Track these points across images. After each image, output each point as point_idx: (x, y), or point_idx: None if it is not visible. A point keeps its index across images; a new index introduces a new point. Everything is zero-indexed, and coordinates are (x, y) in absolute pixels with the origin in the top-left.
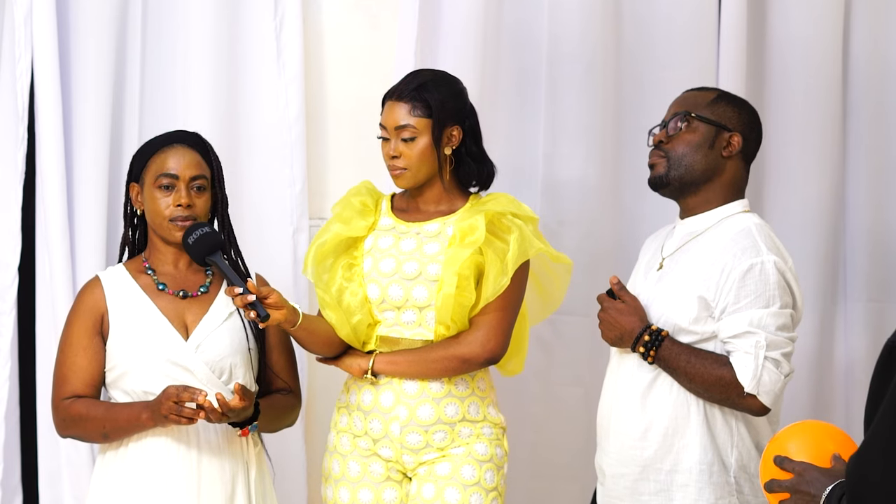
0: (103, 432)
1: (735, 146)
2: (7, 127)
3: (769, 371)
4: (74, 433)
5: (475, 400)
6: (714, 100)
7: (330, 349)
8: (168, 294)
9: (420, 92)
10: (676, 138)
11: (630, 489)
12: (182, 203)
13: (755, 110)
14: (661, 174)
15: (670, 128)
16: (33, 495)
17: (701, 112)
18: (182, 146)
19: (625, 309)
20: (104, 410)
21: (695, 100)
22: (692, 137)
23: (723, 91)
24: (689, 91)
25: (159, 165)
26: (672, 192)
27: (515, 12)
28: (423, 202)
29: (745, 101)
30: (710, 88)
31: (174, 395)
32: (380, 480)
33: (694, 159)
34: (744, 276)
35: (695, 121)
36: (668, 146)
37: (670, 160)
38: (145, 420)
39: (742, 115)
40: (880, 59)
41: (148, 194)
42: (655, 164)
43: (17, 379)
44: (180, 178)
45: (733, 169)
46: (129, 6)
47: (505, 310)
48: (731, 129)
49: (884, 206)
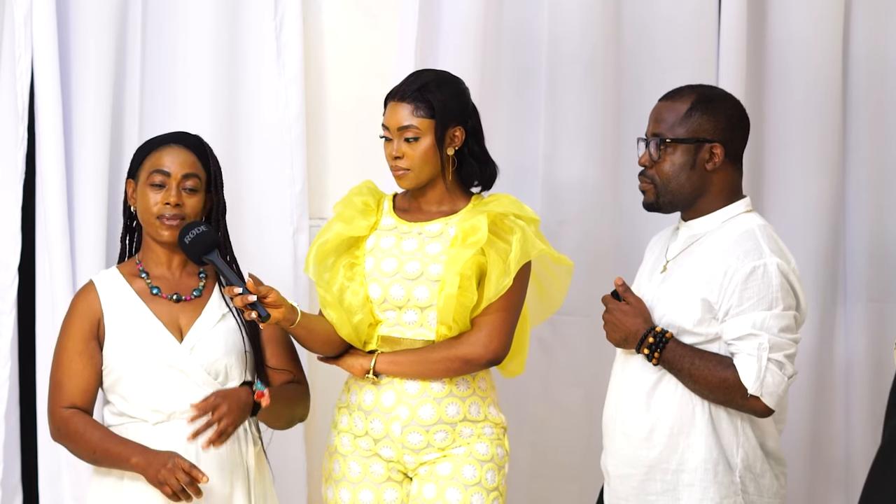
0: (93, 457)
1: (718, 157)
2: (7, 127)
3: (772, 373)
4: (65, 445)
5: (476, 400)
6: (688, 112)
7: (330, 348)
8: (162, 298)
9: (423, 92)
10: (659, 163)
11: (636, 489)
12: (171, 201)
13: (736, 102)
14: (651, 201)
15: (652, 152)
16: (33, 495)
17: (676, 133)
18: (178, 146)
19: (629, 310)
20: (99, 438)
21: (669, 115)
22: (673, 160)
23: (699, 94)
24: (663, 101)
25: (153, 163)
26: (668, 211)
27: (515, 12)
28: (426, 202)
29: (723, 96)
30: (685, 92)
31: (182, 467)
32: (381, 480)
33: (679, 183)
34: (747, 278)
35: (671, 144)
36: (652, 172)
37: (657, 186)
38: (134, 464)
39: (719, 122)
40: (880, 59)
41: (140, 191)
42: (645, 190)
43: (17, 379)
44: (172, 176)
45: (722, 177)
46: (129, 6)
47: (507, 310)
48: (711, 140)
49: (884, 206)
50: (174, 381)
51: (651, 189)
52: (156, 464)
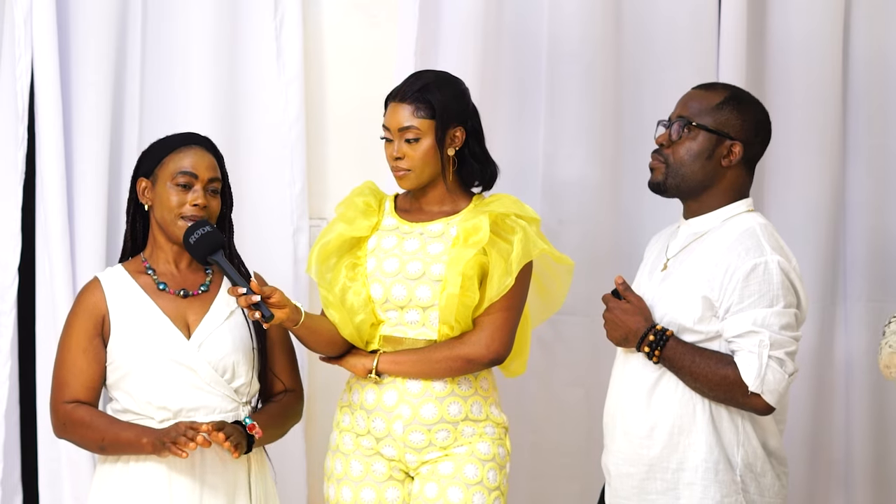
0: (101, 444)
1: (736, 155)
2: (7, 127)
3: (773, 370)
4: (71, 438)
5: (478, 399)
6: (719, 104)
7: (333, 348)
8: (169, 294)
9: (423, 93)
10: (677, 144)
11: (637, 488)
12: (199, 203)
13: (764, 110)
14: (658, 181)
15: (672, 132)
16: (33, 495)
17: (702, 120)
18: (200, 148)
19: (630, 309)
20: (106, 424)
21: (700, 103)
22: (692, 145)
23: (732, 92)
24: (698, 89)
25: (178, 163)
26: (671, 196)
27: (515, 12)
28: (427, 203)
29: (754, 101)
30: (720, 87)
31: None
32: (382, 480)
33: (692, 169)
34: (747, 276)
35: (695, 129)
36: (667, 151)
37: (669, 167)
38: (145, 444)
39: (746, 122)
40: (880, 59)
41: (161, 190)
42: (654, 168)
43: (17, 379)
44: (199, 178)
45: (733, 176)
46: (129, 6)
47: (509, 310)
48: (733, 138)
49: (884, 206)
50: (182, 378)
51: (661, 168)
52: (163, 436)
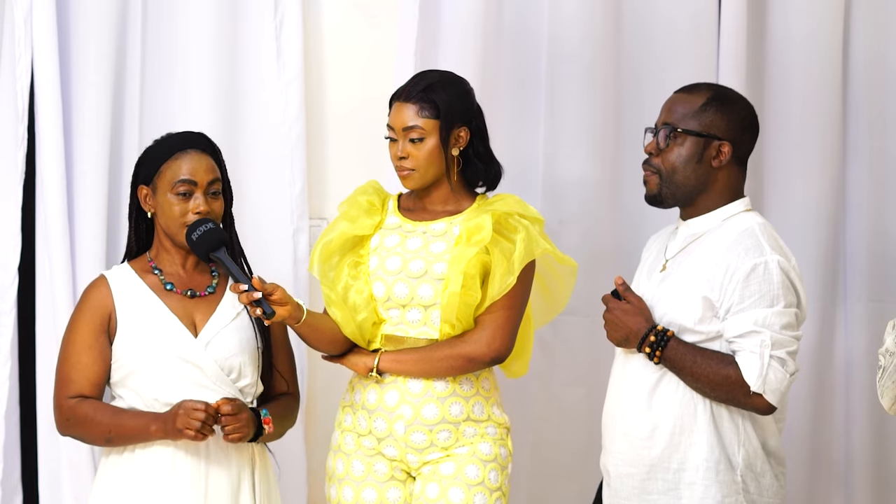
0: (107, 437)
1: (725, 155)
2: (7, 127)
3: (775, 370)
4: (76, 433)
5: (480, 400)
6: (703, 106)
7: (334, 347)
8: (176, 294)
9: (428, 93)
10: (666, 152)
11: (638, 489)
12: (201, 210)
13: (749, 106)
14: (654, 193)
15: (660, 139)
16: (33, 495)
17: (687, 125)
18: (196, 151)
19: (630, 309)
20: (111, 415)
21: (683, 107)
22: (680, 151)
23: (715, 91)
24: (680, 92)
25: (175, 171)
26: (669, 206)
27: (515, 12)
28: (430, 202)
29: (738, 98)
30: (703, 88)
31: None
32: (384, 480)
33: (684, 175)
34: (748, 275)
35: (681, 135)
36: (657, 161)
37: (661, 176)
38: (154, 432)
39: (731, 121)
40: (880, 59)
41: (162, 199)
42: (648, 180)
43: (17, 379)
44: (198, 184)
45: (726, 176)
46: (129, 6)
47: (511, 309)
48: (721, 138)
49: (884, 206)
50: (188, 376)
51: (655, 179)
52: (171, 420)
